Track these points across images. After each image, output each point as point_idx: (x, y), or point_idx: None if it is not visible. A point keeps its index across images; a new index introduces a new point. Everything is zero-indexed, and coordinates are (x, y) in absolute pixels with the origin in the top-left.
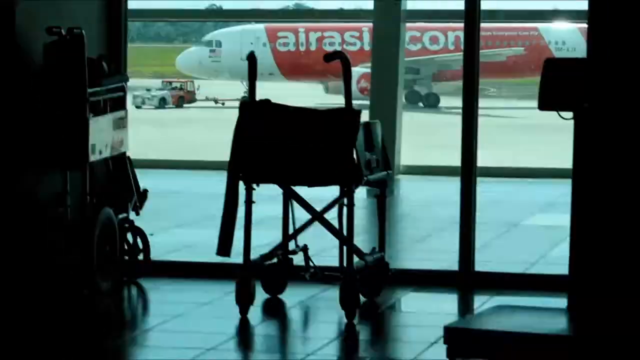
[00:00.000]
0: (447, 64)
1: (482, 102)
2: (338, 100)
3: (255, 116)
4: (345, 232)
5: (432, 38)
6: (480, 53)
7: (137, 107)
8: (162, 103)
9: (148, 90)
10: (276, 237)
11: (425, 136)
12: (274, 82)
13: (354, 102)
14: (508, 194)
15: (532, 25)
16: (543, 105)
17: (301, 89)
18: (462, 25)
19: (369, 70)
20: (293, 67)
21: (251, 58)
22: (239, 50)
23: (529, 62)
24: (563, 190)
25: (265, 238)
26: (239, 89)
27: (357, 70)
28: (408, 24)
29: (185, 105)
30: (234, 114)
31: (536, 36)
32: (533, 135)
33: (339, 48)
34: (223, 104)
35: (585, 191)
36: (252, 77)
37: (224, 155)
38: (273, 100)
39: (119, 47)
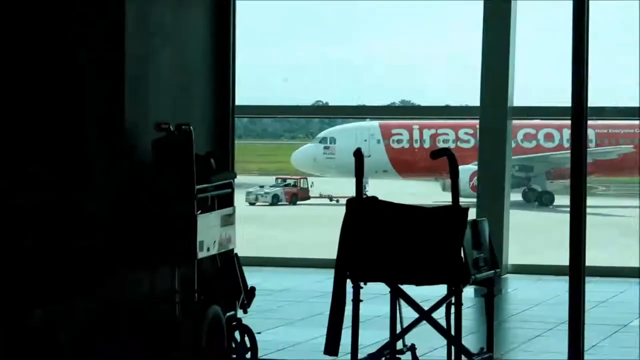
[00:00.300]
0: (561, 162)
1: (591, 201)
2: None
3: (362, 214)
4: (453, 332)
5: (547, 135)
6: (591, 151)
7: (251, 204)
8: (275, 200)
9: (261, 187)
10: (384, 336)
11: (539, 234)
12: (388, 179)
13: (467, 200)
14: (617, 294)
15: None
16: None
17: (418, 187)
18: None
19: None
20: (407, 164)
21: (358, 155)
22: (354, 147)
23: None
24: None
25: (373, 337)
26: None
27: (470, 168)
28: (523, 121)
29: (299, 202)
30: None
31: None
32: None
33: (453, 145)
34: (337, 201)
35: None
36: (359, 174)
37: (334, 253)
38: (380, 198)
39: (226, 144)
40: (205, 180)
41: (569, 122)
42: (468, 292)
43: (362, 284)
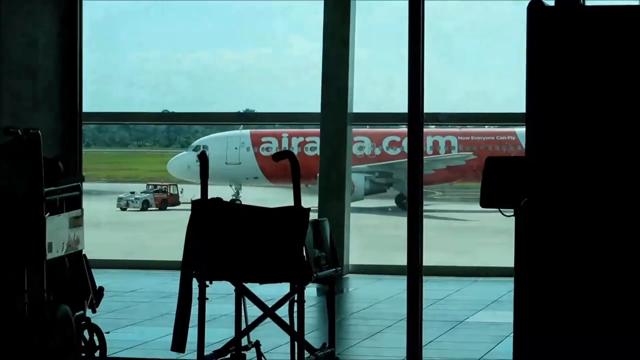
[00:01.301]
0: None
1: (435, 206)
2: None
3: (207, 215)
4: (296, 328)
5: None
6: (440, 158)
7: (122, 209)
8: (145, 205)
9: (132, 193)
10: (230, 334)
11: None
12: (258, 185)
13: None
14: (453, 292)
15: (510, 130)
16: (485, 203)
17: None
18: (441, 130)
19: None
20: (276, 171)
21: (202, 158)
22: (225, 155)
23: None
24: (507, 288)
25: (220, 335)
26: (227, 191)
27: None
28: (388, 129)
29: (168, 208)
30: None
31: (513, 141)
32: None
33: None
34: None
35: (527, 287)
36: (204, 176)
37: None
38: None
39: (74, 148)
40: (53, 183)
41: (431, 129)
42: (311, 291)
43: (207, 283)
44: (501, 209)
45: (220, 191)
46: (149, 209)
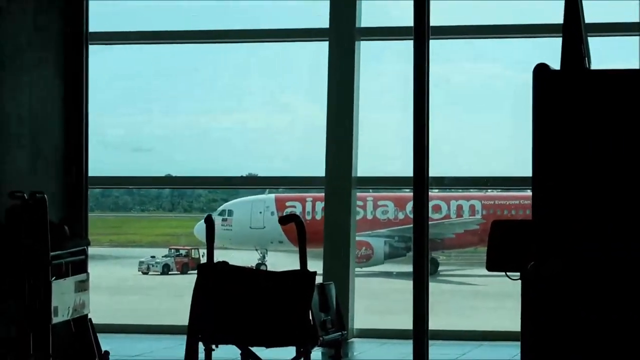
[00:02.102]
0: (441, 233)
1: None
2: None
3: (214, 278)
4: None
5: (435, 207)
6: (454, 222)
7: (144, 273)
8: (165, 269)
9: (152, 257)
10: None
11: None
12: (284, 249)
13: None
14: (460, 356)
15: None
16: (491, 266)
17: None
18: (466, 194)
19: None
20: None
21: (208, 222)
22: (249, 219)
23: None
24: (513, 352)
25: None
26: (252, 255)
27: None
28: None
29: (189, 272)
30: None
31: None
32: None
33: None
34: None
35: (534, 351)
36: (210, 240)
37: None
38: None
39: (80, 212)
40: (59, 247)
41: (455, 194)
42: (316, 355)
43: (213, 347)
44: (507, 273)
45: (246, 257)
46: (169, 272)
